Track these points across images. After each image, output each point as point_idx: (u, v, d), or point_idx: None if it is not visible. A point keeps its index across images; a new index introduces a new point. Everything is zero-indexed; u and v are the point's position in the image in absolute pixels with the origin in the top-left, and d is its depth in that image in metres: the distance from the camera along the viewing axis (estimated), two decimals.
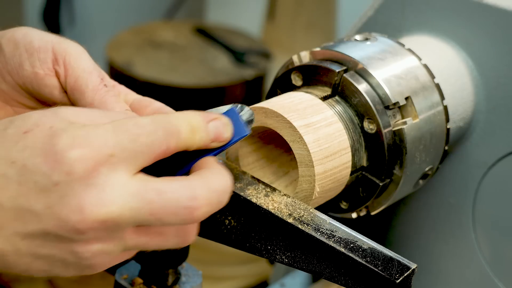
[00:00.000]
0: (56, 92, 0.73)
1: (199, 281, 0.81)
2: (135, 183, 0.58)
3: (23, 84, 0.73)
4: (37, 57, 0.72)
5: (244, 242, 0.72)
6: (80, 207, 0.56)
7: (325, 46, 0.85)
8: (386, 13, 0.96)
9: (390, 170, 0.81)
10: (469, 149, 0.93)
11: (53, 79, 0.72)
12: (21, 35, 0.73)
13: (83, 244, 0.58)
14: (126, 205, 0.57)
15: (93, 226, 0.56)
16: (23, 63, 0.72)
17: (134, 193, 0.57)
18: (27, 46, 0.72)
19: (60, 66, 0.72)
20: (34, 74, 0.72)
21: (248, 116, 0.69)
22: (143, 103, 0.74)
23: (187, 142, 0.61)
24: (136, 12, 2.65)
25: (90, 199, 0.56)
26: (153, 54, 2.26)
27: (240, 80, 2.18)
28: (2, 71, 0.73)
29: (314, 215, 0.70)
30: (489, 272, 0.96)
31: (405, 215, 1.02)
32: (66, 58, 0.72)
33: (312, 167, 0.72)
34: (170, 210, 0.58)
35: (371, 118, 0.79)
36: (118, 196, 0.57)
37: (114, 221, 0.57)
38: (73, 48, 0.73)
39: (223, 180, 0.61)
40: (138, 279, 0.81)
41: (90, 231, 0.57)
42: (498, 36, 0.88)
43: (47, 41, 0.72)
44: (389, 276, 0.65)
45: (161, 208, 0.58)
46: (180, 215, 0.58)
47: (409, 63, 0.85)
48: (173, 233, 0.61)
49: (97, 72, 0.72)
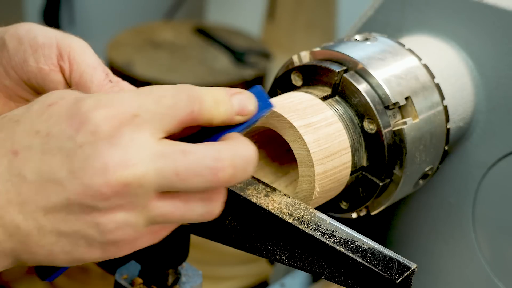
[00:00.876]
0: (61, 87, 0.73)
1: (199, 281, 0.81)
2: (160, 144, 0.57)
3: (28, 80, 0.73)
4: (41, 53, 0.72)
5: (244, 242, 0.72)
6: (104, 168, 0.55)
7: (325, 46, 0.85)
8: (386, 13, 0.96)
9: (390, 170, 0.81)
10: (469, 149, 0.93)
11: (58, 75, 0.72)
12: (25, 31, 0.73)
13: (107, 213, 0.56)
14: (151, 165, 0.56)
15: (117, 189, 0.55)
16: (27, 59, 0.72)
17: (159, 153, 0.56)
18: (31, 42, 0.72)
19: (65, 61, 0.72)
20: (39, 70, 0.72)
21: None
22: None
23: (212, 112, 0.60)
24: (136, 12, 2.65)
25: (114, 159, 0.55)
26: (153, 54, 2.26)
27: (240, 80, 2.19)
28: (6, 67, 0.73)
29: (314, 215, 0.70)
30: (489, 272, 0.96)
31: (405, 215, 1.02)
32: (71, 53, 0.72)
33: (312, 167, 0.72)
34: (195, 171, 0.57)
35: (371, 118, 0.79)
36: (142, 156, 0.56)
37: (139, 183, 0.56)
38: (77, 43, 0.73)
39: (248, 148, 0.60)
40: (138, 279, 0.81)
41: (114, 196, 0.56)
42: (498, 36, 0.88)
43: (51, 37, 0.73)
44: (389, 276, 0.65)
45: (186, 168, 0.57)
46: (205, 176, 0.57)
47: (409, 63, 0.85)
48: (199, 200, 0.60)
49: (102, 67, 0.72)
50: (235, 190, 0.71)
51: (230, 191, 0.72)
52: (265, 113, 0.64)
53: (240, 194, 0.71)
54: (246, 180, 0.73)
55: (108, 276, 0.82)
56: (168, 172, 0.57)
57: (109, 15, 2.61)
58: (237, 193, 0.71)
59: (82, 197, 0.56)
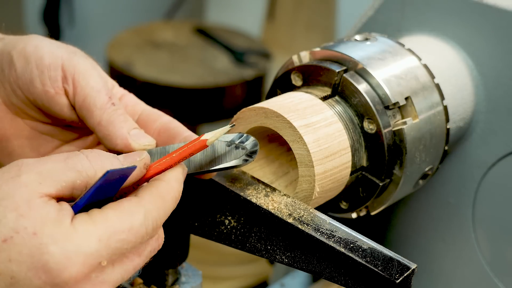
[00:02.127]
0: (66, 109, 0.73)
1: (199, 281, 0.81)
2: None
3: (34, 101, 0.73)
4: (47, 75, 0.72)
5: (244, 242, 0.72)
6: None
7: (325, 46, 0.85)
8: (386, 13, 0.96)
9: (390, 170, 0.81)
10: (469, 149, 0.93)
11: (62, 98, 0.73)
12: (33, 47, 0.73)
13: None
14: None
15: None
16: (33, 80, 0.72)
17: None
18: (37, 62, 0.72)
19: (69, 84, 0.72)
20: (45, 92, 0.72)
21: (252, 146, 0.70)
22: (152, 117, 0.75)
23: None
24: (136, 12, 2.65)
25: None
26: (153, 54, 2.26)
27: (240, 80, 2.19)
28: (13, 86, 0.73)
29: (314, 215, 0.70)
30: (489, 272, 0.96)
31: (405, 215, 1.02)
32: (75, 76, 0.72)
33: (312, 167, 0.72)
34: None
35: (371, 118, 0.79)
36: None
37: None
38: (83, 65, 0.73)
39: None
40: (138, 279, 0.81)
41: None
42: (498, 36, 0.88)
43: (58, 57, 0.72)
44: (389, 276, 0.65)
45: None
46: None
47: (409, 63, 0.85)
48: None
49: (105, 91, 0.72)
50: (235, 190, 0.71)
51: (230, 191, 0.72)
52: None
53: (240, 194, 0.71)
54: (246, 180, 0.73)
55: None
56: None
57: (109, 15, 2.61)
58: (237, 193, 0.71)
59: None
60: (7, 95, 0.74)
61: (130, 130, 0.71)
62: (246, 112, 0.76)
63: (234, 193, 0.71)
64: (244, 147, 0.70)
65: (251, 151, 0.70)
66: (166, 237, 0.77)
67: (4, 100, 0.75)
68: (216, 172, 0.72)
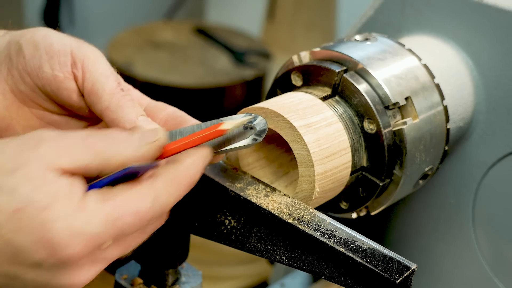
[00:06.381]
0: (74, 95, 0.73)
1: (199, 281, 0.81)
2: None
3: (42, 87, 0.73)
4: (57, 60, 0.72)
5: (244, 242, 0.72)
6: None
7: (325, 46, 0.85)
8: (386, 13, 0.96)
9: (390, 170, 0.81)
10: (469, 149, 0.93)
11: (71, 83, 0.73)
12: (41, 36, 0.73)
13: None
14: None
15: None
16: (42, 65, 0.72)
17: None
18: (47, 49, 0.72)
19: (78, 69, 0.72)
20: (54, 77, 0.72)
21: (261, 125, 0.69)
22: (158, 107, 0.76)
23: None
24: (136, 12, 2.65)
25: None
26: (153, 54, 2.26)
27: (240, 80, 2.18)
28: (21, 72, 0.73)
29: (314, 215, 0.70)
30: (489, 272, 0.96)
31: (405, 215, 1.02)
32: (85, 62, 0.72)
33: (312, 167, 0.72)
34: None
35: (371, 118, 0.79)
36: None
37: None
38: (91, 52, 0.73)
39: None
40: (138, 279, 0.81)
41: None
42: (498, 36, 0.88)
43: (66, 44, 0.73)
44: (389, 276, 0.65)
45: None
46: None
47: (409, 63, 0.85)
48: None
49: (114, 76, 0.73)
50: (235, 190, 0.71)
51: (230, 191, 0.72)
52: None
53: (240, 194, 0.71)
54: (246, 180, 0.73)
55: (108, 276, 0.82)
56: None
57: (109, 15, 2.61)
58: (237, 193, 0.71)
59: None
60: (15, 83, 0.74)
61: (139, 115, 0.71)
62: (246, 112, 0.76)
63: (234, 193, 0.71)
64: (253, 126, 0.70)
65: (260, 130, 0.69)
66: (166, 237, 0.77)
67: (12, 88, 0.75)
68: (226, 153, 0.71)
